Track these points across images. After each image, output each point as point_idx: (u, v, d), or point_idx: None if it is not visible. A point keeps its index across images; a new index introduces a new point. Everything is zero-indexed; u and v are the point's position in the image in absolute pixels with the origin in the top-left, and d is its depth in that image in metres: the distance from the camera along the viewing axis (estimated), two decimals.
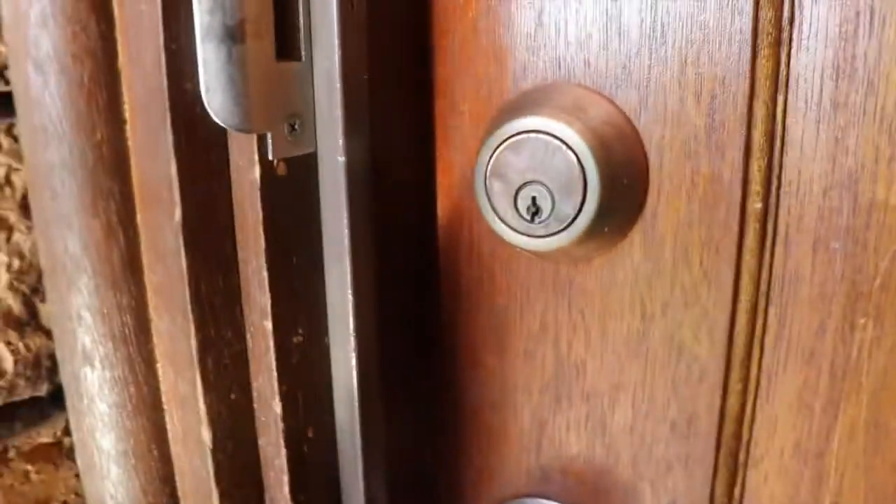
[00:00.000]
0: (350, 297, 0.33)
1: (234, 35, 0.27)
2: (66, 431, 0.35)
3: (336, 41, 0.30)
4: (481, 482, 0.43)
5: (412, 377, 0.40)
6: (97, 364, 0.33)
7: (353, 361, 0.34)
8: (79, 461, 0.35)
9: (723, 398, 0.36)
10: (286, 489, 0.32)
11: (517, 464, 0.41)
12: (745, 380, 0.36)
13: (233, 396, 0.32)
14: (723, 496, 0.38)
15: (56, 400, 0.35)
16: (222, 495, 0.32)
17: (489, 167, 0.33)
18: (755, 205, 0.33)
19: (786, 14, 0.31)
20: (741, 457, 0.37)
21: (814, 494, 0.37)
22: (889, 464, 0.35)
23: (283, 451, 0.32)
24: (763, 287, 0.34)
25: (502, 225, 0.34)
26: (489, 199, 0.34)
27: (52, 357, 0.35)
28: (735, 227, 0.33)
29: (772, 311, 0.35)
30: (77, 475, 0.35)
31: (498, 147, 0.33)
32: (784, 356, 0.35)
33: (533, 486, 0.41)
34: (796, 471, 0.37)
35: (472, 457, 0.42)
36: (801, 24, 0.31)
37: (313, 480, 0.34)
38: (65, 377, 0.34)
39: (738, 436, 0.37)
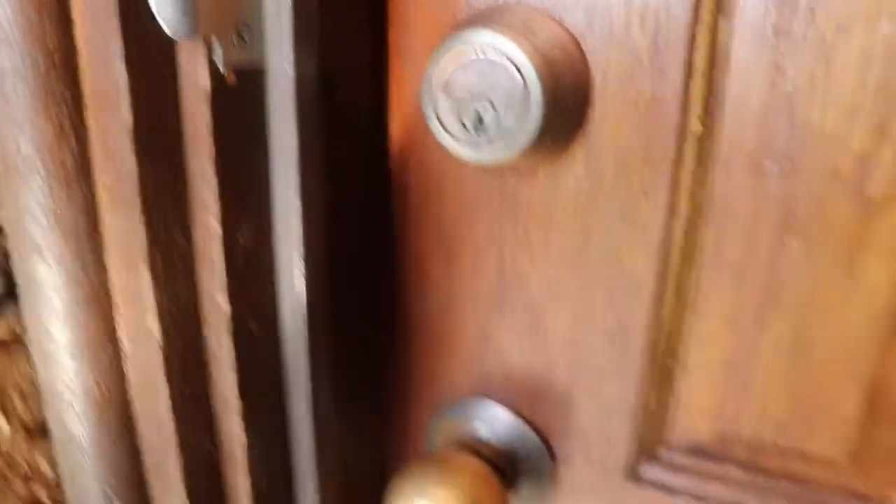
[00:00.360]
0: (298, 204, 0.35)
1: None
2: (21, 324, 0.37)
3: None
4: (429, 385, 0.46)
5: (362, 286, 0.43)
6: (51, 261, 0.35)
7: (301, 267, 0.36)
8: (33, 353, 0.37)
9: (657, 312, 0.39)
10: (232, 385, 0.35)
11: (462, 369, 0.44)
12: (679, 294, 0.38)
13: (181, 294, 0.34)
14: (655, 405, 0.41)
15: (10, 294, 0.37)
16: (172, 389, 0.35)
17: (437, 83, 0.35)
18: (695, 126, 0.35)
19: None
20: (672, 367, 0.40)
21: (740, 405, 0.40)
22: (812, 377, 0.38)
23: (229, 347, 0.35)
24: (699, 205, 0.36)
25: (449, 138, 0.35)
26: (437, 113, 0.35)
27: (6, 254, 0.37)
28: (674, 147, 0.35)
29: (707, 229, 0.37)
30: (31, 365, 0.38)
31: (445, 63, 0.34)
32: (717, 273, 0.38)
33: (476, 390, 0.44)
34: (724, 383, 0.40)
35: (421, 362, 0.45)
36: None
37: (259, 378, 0.37)
38: (18, 272, 0.36)
39: (670, 348, 0.40)
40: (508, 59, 0.33)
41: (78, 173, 0.35)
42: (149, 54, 0.32)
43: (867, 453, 0.38)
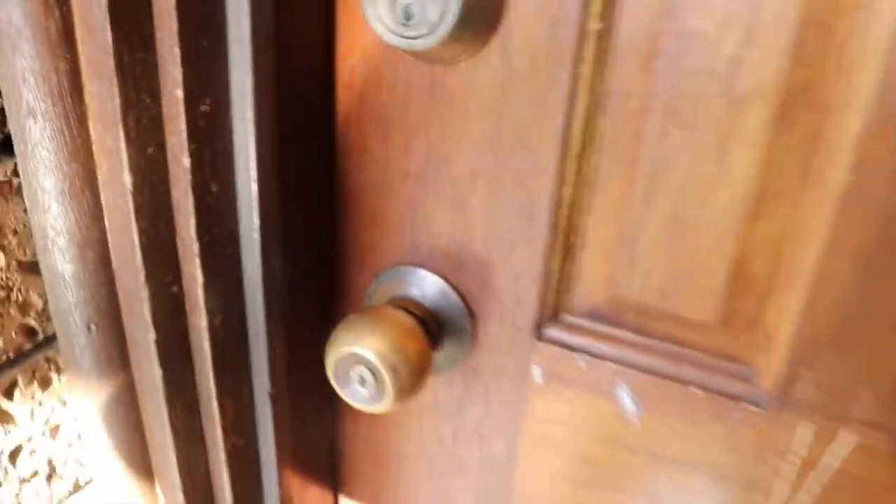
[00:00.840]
0: (250, 79, 0.42)
1: None
2: (15, 173, 0.45)
3: None
4: (366, 255, 0.54)
5: (308, 162, 0.50)
6: (39, 118, 0.42)
7: (253, 133, 0.43)
8: (25, 198, 0.45)
9: (560, 190, 0.46)
10: (192, 230, 0.43)
11: (394, 239, 0.52)
12: (579, 175, 0.46)
13: (150, 151, 0.42)
14: (557, 272, 0.49)
15: (6, 146, 0.44)
16: (140, 231, 0.42)
17: None
18: (593, 25, 0.42)
19: None
20: (573, 240, 0.48)
21: (629, 275, 0.48)
22: (687, 251, 0.46)
23: (191, 200, 0.42)
24: (597, 97, 0.44)
25: (384, 30, 0.42)
26: (375, 10, 0.42)
27: (2, 110, 0.44)
28: (575, 44, 0.42)
29: (605, 118, 0.44)
30: (25, 209, 0.46)
31: None
32: (612, 157, 0.45)
33: (408, 259, 0.53)
34: (617, 255, 0.48)
35: (359, 233, 0.53)
36: None
37: (216, 228, 0.45)
38: (12, 127, 0.43)
39: (572, 224, 0.48)
40: None
41: (62, 42, 0.42)
42: None
43: (732, 319, 0.46)
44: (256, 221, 0.45)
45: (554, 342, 0.51)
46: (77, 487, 0.55)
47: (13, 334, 0.47)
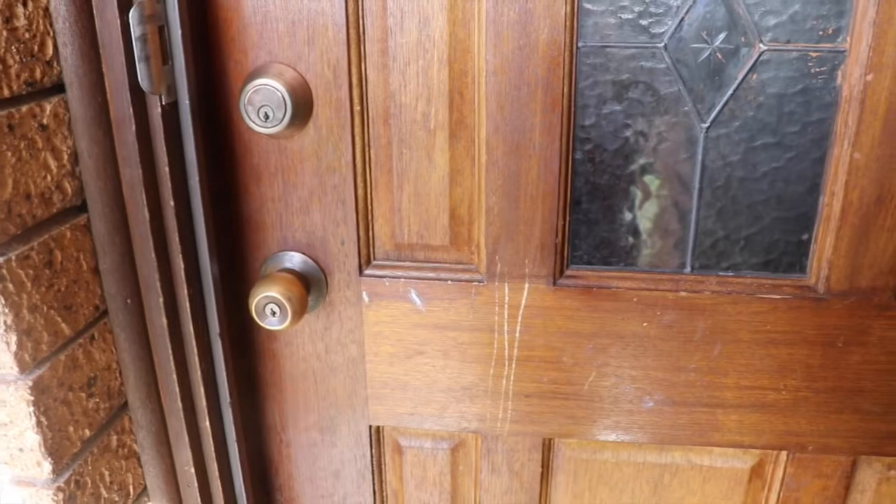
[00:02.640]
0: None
1: None
2: None
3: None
4: (257, 248, 1.07)
5: (213, 203, 1.03)
6: None
7: (197, 185, 0.96)
8: None
9: (356, 190, 1.02)
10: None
11: (271, 237, 1.06)
12: (364, 180, 1.02)
13: None
14: (364, 236, 1.05)
15: None
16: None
17: (245, 100, 0.96)
18: (357, 107, 0.98)
19: None
20: (369, 216, 1.04)
21: (399, 230, 1.05)
22: (425, 210, 1.03)
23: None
24: (364, 140, 1.00)
25: (252, 123, 0.97)
26: (247, 113, 0.96)
27: None
28: (350, 117, 0.98)
29: (371, 150, 1.01)
30: None
31: (248, 91, 0.96)
32: (378, 169, 1.02)
33: (280, 247, 1.07)
34: (391, 220, 1.04)
35: (251, 236, 1.07)
36: None
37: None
38: None
39: (366, 206, 1.04)
40: (275, 88, 0.95)
41: None
42: None
43: (456, 241, 1.04)
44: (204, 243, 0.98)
45: (370, 276, 1.06)
46: None
47: None
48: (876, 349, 1.00)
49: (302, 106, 0.96)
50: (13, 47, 0.77)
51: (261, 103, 0.94)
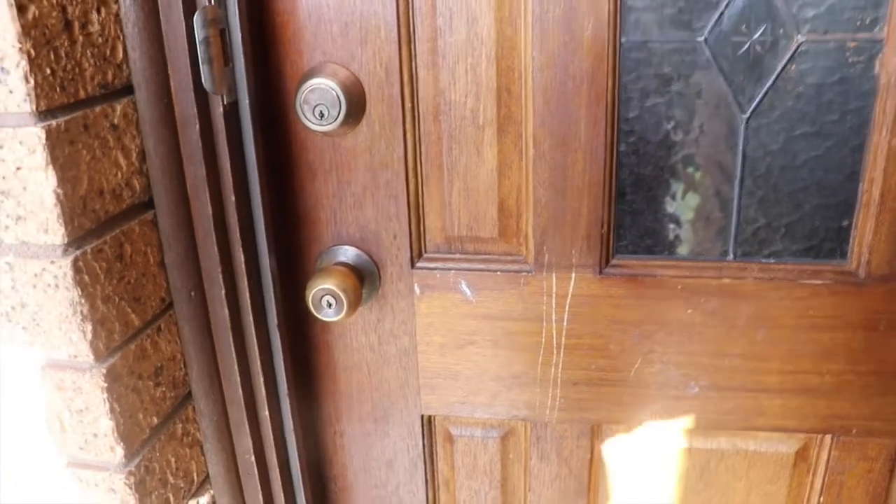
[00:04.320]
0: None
1: None
2: None
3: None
4: (312, 243, 1.10)
5: (271, 200, 1.06)
6: None
7: (257, 182, 0.99)
8: None
9: (408, 185, 1.05)
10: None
11: (326, 231, 1.08)
12: (416, 175, 1.05)
13: None
14: (416, 230, 1.07)
15: None
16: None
17: (301, 99, 0.99)
18: (408, 104, 1.01)
19: None
20: (420, 211, 1.07)
21: (450, 223, 1.07)
22: (475, 203, 1.05)
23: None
24: (415, 136, 1.03)
25: (307, 122, 0.99)
26: (303, 111, 0.99)
27: None
28: (401, 115, 1.01)
29: (422, 146, 1.03)
30: None
31: (303, 90, 0.98)
32: (429, 165, 1.04)
33: (334, 241, 1.09)
34: (442, 214, 1.07)
35: (306, 231, 1.09)
36: None
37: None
38: None
39: (417, 201, 1.06)
40: (329, 87, 0.98)
41: None
42: None
43: (504, 233, 1.06)
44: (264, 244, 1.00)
45: (421, 268, 1.09)
46: None
47: None
48: None
49: (355, 104, 0.98)
50: (88, 51, 0.80)
51: (316, 102, 0.97)
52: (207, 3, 0.88)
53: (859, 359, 1.04)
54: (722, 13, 0.93)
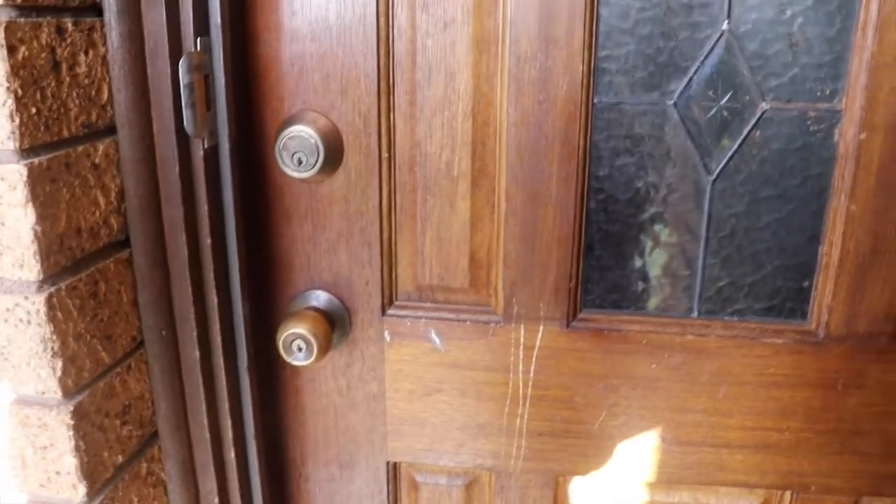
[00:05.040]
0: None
1: None
2: None
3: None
4: (285, 287, 1.11)
5: (245, 236, 1.07)
6: None
7: (233, 221, 1.00)
8: None
9: (381, 233, 1.06)
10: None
11: (300, 276, 1.09)
12: (390, 224, 1.06)
13: None
14: (388, 277, 1.08)
15: None
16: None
17: (281, 146, 1.00)
18: (384, 154, 1.02)
19: None
20: (392, 259, 1.08)
21: (422, 272, 1.08)
22: (447, 254, 1.07)
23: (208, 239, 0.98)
24: (390, 186, 1.04)
25: (287, 168, 1.01)
26: (281, 158, 1.00)
27: None
28: (377, 164, 1.02)
29: (396, 196, 1.05)
30: None
31: (283, 137, 1.00)
32: (403, 214, 1.06)
33: (308, 286, 1.10)
34: (414, 263, 1.08)
35: (280, 275, 1.10)
36: None
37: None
38: None
39: (390, 249, 1.07)
40: (308, 135, 0.99)
41: None
42: None
43: (475, 283, 1.07)
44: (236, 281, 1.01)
45: (393, 315, 1.09)
46: None
47: None
48: (874, 392, 1.03)
49: (333, 152, 1.00)
50: (74, 92, 0.82)
51: (295, 149, 0.98)
52: (193, 49, 0.89)
53: (818, 417, 1.06)
54: (691, 79, 0.96)
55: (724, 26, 0.94)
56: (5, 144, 0.75)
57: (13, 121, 0.74)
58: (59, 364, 0.83)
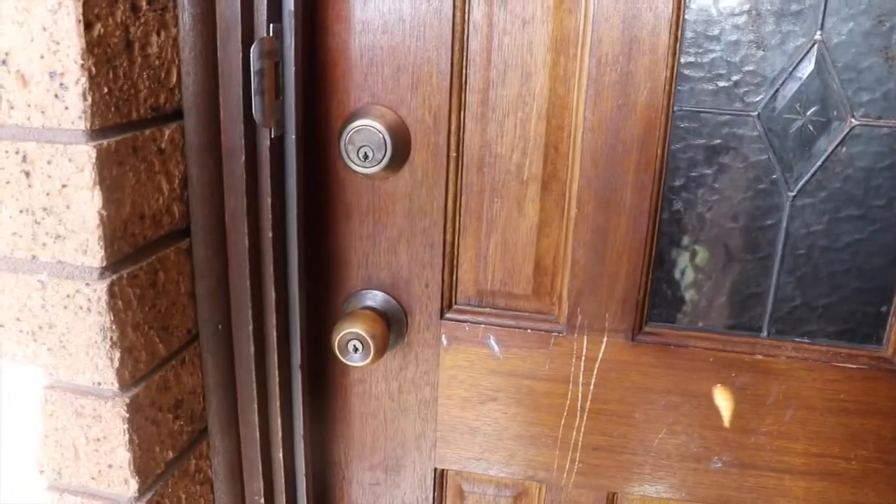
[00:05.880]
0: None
1: None
2: None
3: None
4: (340, 284, 1.07)
5: (307, 237, 1.03)
6: None
7: (294, 222, 0.96)
8: None
9: (444, 235, 1.02)
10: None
11: (356, 274, 1.05)
12: (454, 226, 1.02)
13: None
14: (448, 280, 1.04)
15: None
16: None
17: (346, 139, 0.96)
18: (452, 153, 0.98)
19: None
20: (454, 262, 1.04)
21: (483, 276, 1.04)
22: (511, 259, 1.02)
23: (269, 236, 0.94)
24: (457, 187, 1.00)
25: (351, 162, 0.97)
26: (346, 152, 0.97)
27: None
28: (445, 163, 0.98)
29: (462, 197, 1.01)
30: None
31: (349, 130, 0.96)
32: (468, 216, 1.02)
33: (364, 284, 1.06)
34: (476, 267, 1.04)
35: (336, 272, 1.06)
36: None
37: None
38: None
39: (453, 251, 1.03)
40: (376, 129, 0.95)
41: None
42: None
43: (538, 290, 1.03)
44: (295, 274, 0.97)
45: (451, 320, 1.05)
46: None
47: None
48: None
49: (401, 148, 0.96)
50: (144, 73, 0.78)
51: (361, 143, 0.94)
52: (266, 35, 0.85)
53: (889, 447, 1.01)
54: (777, 90, 0.91)
55: (817, 36, 0.89)
56: (76, 124, 0.71)
57: (85, 100, 0.71)
58: (118, 355, 0.79)
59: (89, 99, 0.71)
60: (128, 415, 0.82)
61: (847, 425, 1.01)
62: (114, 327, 0.78)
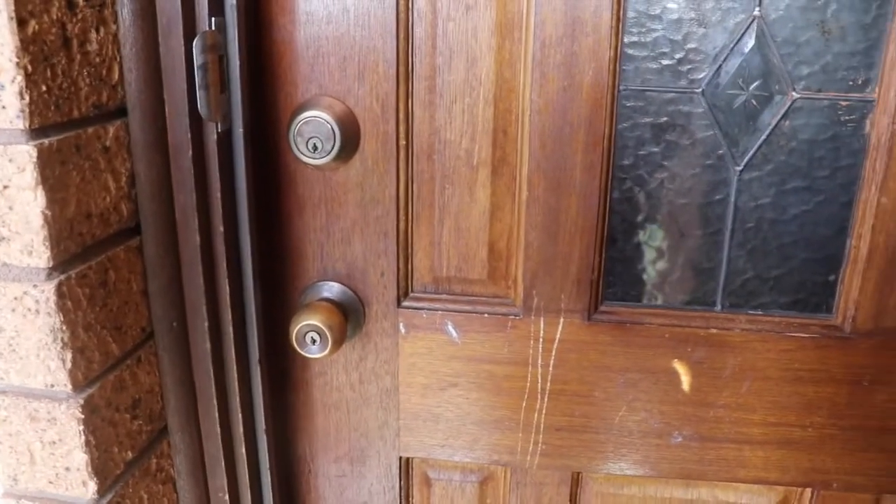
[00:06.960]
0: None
1: None
2: None
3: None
4: (296, 277, 1.06)
5: (259, 232, 1.02)
6: None
7: (245, 211, 0.95)
8: None
9: (398, 223, 1.01)
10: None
11: (312, 266, 1.05)
12: (406, 214, 1.02)
13: None
14: (403, 268, 1.04)
15: None
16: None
17: (295, 131, 0.96)
18: (402, 142, 0.98)
19: None
20: (409, 250, 1.04)
21: (438, 263, 1.04)
22: (465, 244, 1.02)
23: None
24: (408, 175, 1.00)
25: (300, 154, 0.96)
26: (295, 143, 0.96)
27: None
28: (395, 152, 0.98)
29: (413, 185, 1.00)
30: None
31: (298, 122, 0.95)
32: (420, 203, 1.01)
33: (320, 276, 1.05)
34: (431, 254, 1.04)
35: (291, 265, 1.05)
36: None
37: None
38: None
39: (406, 239, 1.03)
40: (325, 120, 0.95)
41: None
42: None
43: (493, 275, 1.03)
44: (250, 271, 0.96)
45: (408, 308, 1.05)
46: None
47: None
48: None
49: (350, 139, 0.96)
50: (84, 71, 0.77)
51: (310, 134, 0.94)
52: (207, 28, 0.84)
53: (843, 413, 1.02)
54: (720, 66, 0.92)
55: (756, 12, 0.90)
56: (14, 124, 0.70)
57: (23, 98, 0.69)
58: (69, 356, 0.78)
59: (27, 98, 0.69)
60: (83, 416, 0.81)
61: (802, 394, 1.02)
62: (64, 328, 0.77)
